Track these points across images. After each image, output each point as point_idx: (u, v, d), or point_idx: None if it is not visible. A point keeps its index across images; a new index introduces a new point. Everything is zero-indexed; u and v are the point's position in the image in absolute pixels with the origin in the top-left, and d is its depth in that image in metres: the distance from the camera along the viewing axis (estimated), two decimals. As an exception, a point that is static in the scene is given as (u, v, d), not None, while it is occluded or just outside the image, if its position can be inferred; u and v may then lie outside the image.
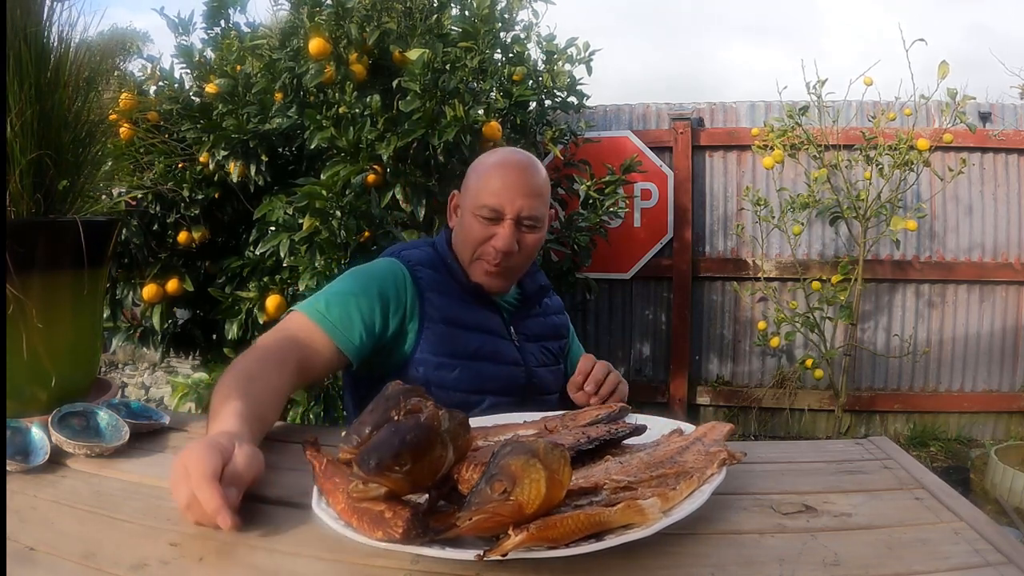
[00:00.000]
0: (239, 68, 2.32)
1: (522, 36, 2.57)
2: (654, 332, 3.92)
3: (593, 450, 0.77)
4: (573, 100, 2.75)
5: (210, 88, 2.29)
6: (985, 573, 0.61)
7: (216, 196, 2.30)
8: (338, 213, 1.92)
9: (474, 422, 0.78)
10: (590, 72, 2.70)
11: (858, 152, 3.15)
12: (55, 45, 0.99)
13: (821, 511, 0.73)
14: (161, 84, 2.40)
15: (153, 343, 2.39)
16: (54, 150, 0.97)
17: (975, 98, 3.12)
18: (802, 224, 3.33)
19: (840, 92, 3.13)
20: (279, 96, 2.23)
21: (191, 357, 2.66)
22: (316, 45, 2.08)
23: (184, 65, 2.44)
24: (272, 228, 2.06)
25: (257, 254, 2.15)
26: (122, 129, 2.05)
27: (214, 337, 2.44)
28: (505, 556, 0.55)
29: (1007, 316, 3.59)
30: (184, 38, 2.45)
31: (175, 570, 0.61)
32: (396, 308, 1.16)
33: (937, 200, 3.57)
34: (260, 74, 2.25)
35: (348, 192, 1.97)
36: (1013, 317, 3.59)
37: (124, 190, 1.64)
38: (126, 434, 0.90)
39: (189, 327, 2.46)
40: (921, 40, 2.85)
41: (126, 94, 2.19)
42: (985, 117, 3.57)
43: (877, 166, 3.08)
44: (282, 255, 2.01)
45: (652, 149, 3.70)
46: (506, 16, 2.47)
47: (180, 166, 2.25)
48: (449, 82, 2.12)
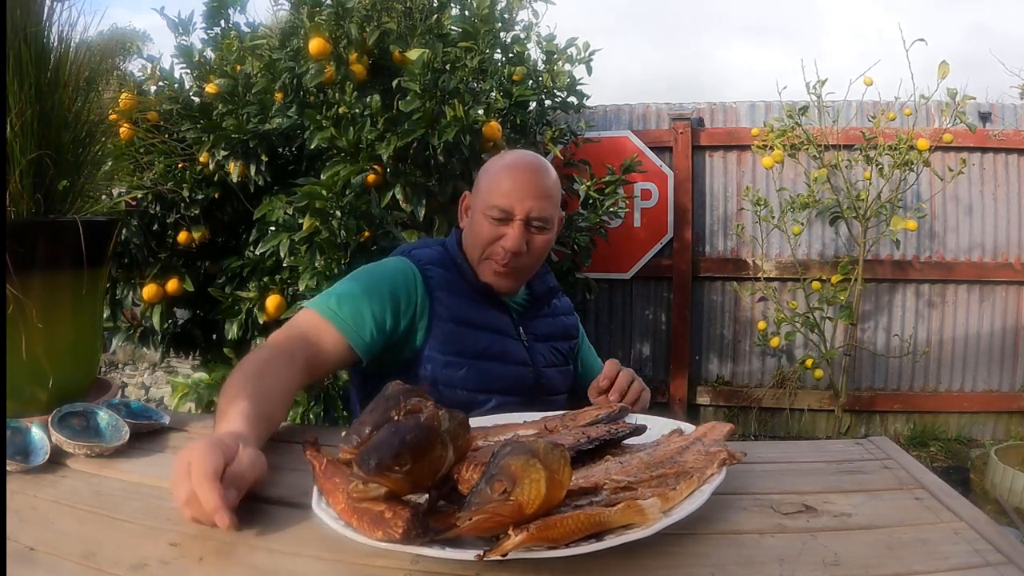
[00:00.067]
0: (239, 68, 2.32)
1: (522, 36, 2.56)
2: (654, 332, 3.92)
3: (593, 450, 0.77)
4: (573, 100, 2.75)
5: (210, 88, 2.29)
6: (985, 573, 0.61)
7: (216, 196, 2.30)
8: (338, 213, 1.92)
9: (474, 422, 0.78)
10: (590, 72, 2.70)
11: (858, 152, 3.15)
12: (55, 45, 0.99)
13: (821, 511, 0.73)
14: (161, 84, 2.39)
15: (153, 343, 2.39)
16: (54, 150, 0.97)
17: (975, 98, 3.12)
18: (802, 224, 3.33)
19: (840, 92, 3.14)
20: (279, 96, 2.23)
21: (191, 357, 2.66)
22: (316, 45, 2.08)
23: (184, 65, 2.44)
24: (272, 228, 2.06)
25: (257, 254, 2.15)
26: (122, 129, 2.04)
27: (214, 337, 2.44)
28: (505, 556, 0.55)
29: (1007, 316, 3.59)
30: (184, 38, 2.45)
31: (175, 570, 0.61)
32: (406, 306, 1.17)
33: (937, 200, 3.57)
34: (260, 74, 2.25)
35: (348, 192, 1.96)
36: (1013, 317, 3.59)
37: (124, 190, 1.64)
38: (126, 434, 0.90)
39: (189, 327, 2.46)
40: (921, 40, 2.85)
41: (126, 94, 2.18)
42: (985, 117, 3.57)
43: (877, 166, 3.08)
44: (282, 255, 2.01)
45: (652, 149, 3.70)
46: (506, 16, 2.47)
47: (180, 166, 2.24)
48: (449, 82, 2.12)
